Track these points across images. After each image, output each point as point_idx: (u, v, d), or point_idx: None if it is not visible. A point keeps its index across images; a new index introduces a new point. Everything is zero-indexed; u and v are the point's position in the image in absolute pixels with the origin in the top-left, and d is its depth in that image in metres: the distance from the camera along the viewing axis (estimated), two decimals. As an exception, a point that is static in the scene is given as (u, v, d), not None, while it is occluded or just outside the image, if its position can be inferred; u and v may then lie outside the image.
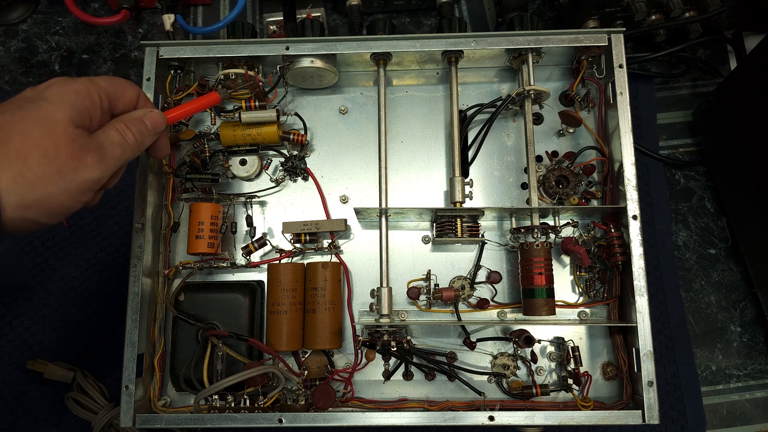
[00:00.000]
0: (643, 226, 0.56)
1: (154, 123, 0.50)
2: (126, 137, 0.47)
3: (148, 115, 0.50)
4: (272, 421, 0.54)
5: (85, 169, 0.42)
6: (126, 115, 0.49)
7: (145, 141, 0.49)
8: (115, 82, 0.48)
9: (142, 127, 0.49)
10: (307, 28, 0.65)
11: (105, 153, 0.44)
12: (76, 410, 0.63)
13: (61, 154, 0.41)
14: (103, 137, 0.45)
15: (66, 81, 0.45)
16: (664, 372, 0.66)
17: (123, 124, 0.47)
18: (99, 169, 0.43)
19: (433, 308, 0.61)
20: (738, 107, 0.65)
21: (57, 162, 0.41)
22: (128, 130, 0.47)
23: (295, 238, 0.61)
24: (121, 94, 0.48)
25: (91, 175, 0.43)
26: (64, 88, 0.44)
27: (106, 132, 0.46)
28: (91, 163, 0.43)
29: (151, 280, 0.59)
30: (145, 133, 0.49)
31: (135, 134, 0.48)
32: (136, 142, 0.48)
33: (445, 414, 0.54)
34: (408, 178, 0.64)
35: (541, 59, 0.62)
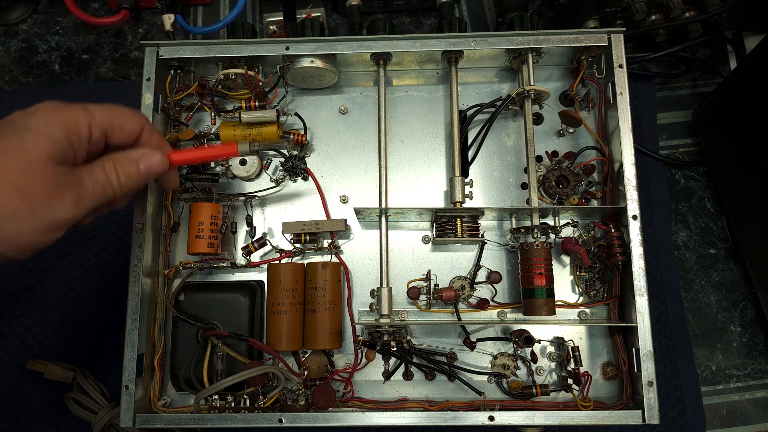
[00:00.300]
0: (643, 226, 0.56)
1: (149, 168, 0.47)
2: (111, 179, 0.44)
3: (146, 158, 0.47)
4: (272, 421, 0.54)
5: (60, 208, 0.41)
6: (120, 155, 0.46)
7: (133, 185, 0.46)
8: (113, 113, 0.45)
9: (134, 170, 0.46)
10: (307, 28, 0.65)
11: (84, 192, 0.42)
12: (76, 410, 0.63)
13: (37, 192, 0.39)
14: (86, 175, 0.43)
15: (55, 109, 0.42)
16: (664, 372, 0.66)
17: (113, 164, 0.45)
18: (75, 209, 0.42)
19: (433, 308, 0.61)
20: (738, 107, 0.65)
21: (31, 199, 0.39)
22: (116, 172, 0.44)
23: (295, 238, 0.61)
24: (118, 126, 0.46)
25: (65, 215, 0.41)
26: (52, 117, 0.42)
27: (91, 170, 0.43)
28: (68, 202, 0.41)
29: (151, 280, 0.59)
30: (135, 177, 0.46)
31: (122, 177, 0.45)
32: (121, 186, 0.45)
33: (445, 414, 0.54)
34: (408, 178, 0.64)
35: (541, 59, 0.62)
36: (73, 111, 0.43)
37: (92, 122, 0.44)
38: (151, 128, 0.49)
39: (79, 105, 0.44)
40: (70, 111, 0.43)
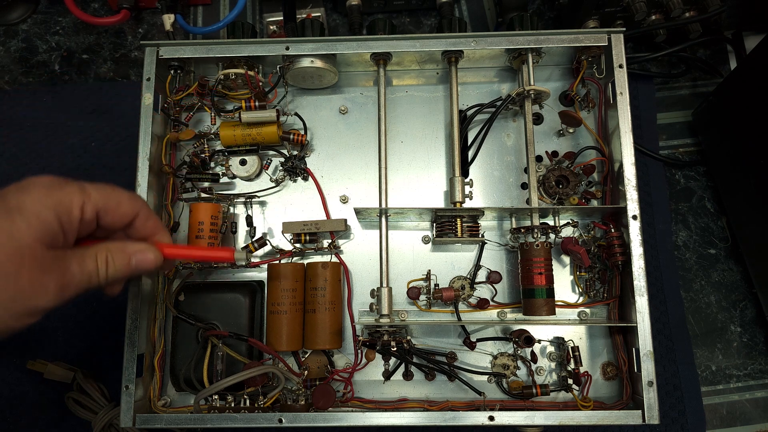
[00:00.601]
0: (643, 226, 0.56)
1: (140, 264, 0.46)
2: (99, 269, 0.43)
3: (140, 253, 0.46)
4: (272, 421, 0.54)
5: (43, 296, 0.39)
6: (115, 246, 0.45)
7: (120, 277, 0.45)
8: (110, 195, 0.44)
9: (124, 263, 0.45)
10: (307, 28, 0.65)
11: (70, 280, 0.41)
12: (76, 410, 0.63)
13: (22, 280, 0.38)
14: (75, 262, 0.42)
15: (50, 188, 0.41)
16: (664, 372, 0.66)
17: (105, 254, 0.44)
18: (57, 298, 0.40)
19: (433, 308, 0.61)
20: (738, 107, 0.65)
21: (15, 287, 0.38)
22: (106, 264, 0.43)
23: (295, 238, 0.61)
24: (113, 207, 0.44)
25: (47, 304, 0.40)
26: (46, 198, 0.40)
27: (83, 257, 0.42)
28: (51, 291, 0.40)
29: (151, 280, 0.59)
30: (124, 271, 0.45)
31: (111, 269, 0.44)
32: (108, 277, 0.44)
33: (445, 414, 0.54)
34: (408, 178, 0.64)
35: (541, 59, 0.62)
36: (67, 192, 0.42)
37: (86, 203, 0.42)
38: (147, 213, 0.47)
39: (75, 184, 0.42)
40: (64, 192, 0.41)
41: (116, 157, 0.73)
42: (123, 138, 0.74)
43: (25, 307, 0.39)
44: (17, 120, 0.75)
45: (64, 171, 0.73)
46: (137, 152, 0.59)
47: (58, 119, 0.75)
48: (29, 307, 0.39)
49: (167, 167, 0.61)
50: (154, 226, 0.48)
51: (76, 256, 0.42)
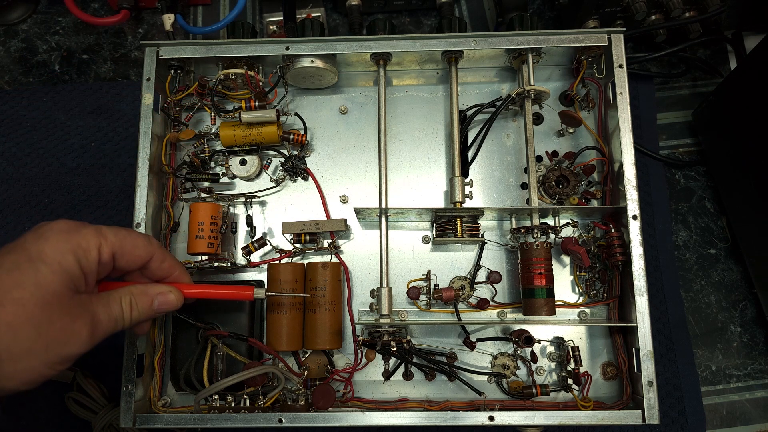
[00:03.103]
0: (643, 226, 0.56)
1: (162, 306, 0.47)
2: (125, 313, 0.44)
3: (162, 296, 0.47)
4: (272, 421, 0.54)
5: (75, 342, 0.40)
6: (138, 289, 0.46)
7: (142, 320, 0.47)
8: (125, 238, 0.45)
9: (147, 305, 0.46)
10: (307, 28, 0.65)
11: (98, 327, 0.42)
12: (76, 410, 0.63)
13: (53, 329, 0.39)
14: (101, 308, 0.43)
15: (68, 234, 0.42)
16: (664, 372, 0.66)
17: (129, 299, 0.45)
18: (88, 344, 0.41)
19: (433, 308, 0.61)
20: (738, 107, 0.65)
21: (47, 337, 0.39)
22: (130, 307, 0.45)
23: (295, 238, 0.61)
24: (129, 252, 0.45)
25: (78, 350, 0.41)
26: (65, 244, 0.41)
27: (108, 303, 0.44)
28: (83, 337, 0.41)
29: (151, 280, 0.59)
30: (147, 313, 0.46)
31: (135, 312, 0.45)
32: (132, 321, 0.45)
33: (445, 414, 0.54)
34: (408, 178, 0.64)
35: (541, 59, 0.62)
36: (84, 235, 0.42)
37: (103, 245, 0.43)
38: (162, 255, 0.48)
39: (91, 227, 0.43)
40: (82, 235, 0.42)
41: (116, 157, 0.73)
42: (123, 138, 0.74)
43: (58, 355, 0.40)
44: (17, 120, 0.75)
45: (63, 171, 0.73)
46: (137, 152, 0.59)
47: (58, 119, 0.75)
48: (62, 355, 0.40)
49: (167, 167, 0.61)
50: (170, 267, 0.49)
51: (101, 302, 0.43)
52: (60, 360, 0.40)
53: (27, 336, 0.38)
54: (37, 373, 0.39)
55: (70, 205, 0.72)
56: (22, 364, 0.38)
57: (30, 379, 0.40)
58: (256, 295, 0.53)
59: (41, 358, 0.39)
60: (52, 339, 0.39)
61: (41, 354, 0.39)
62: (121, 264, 0.46)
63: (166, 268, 0.49)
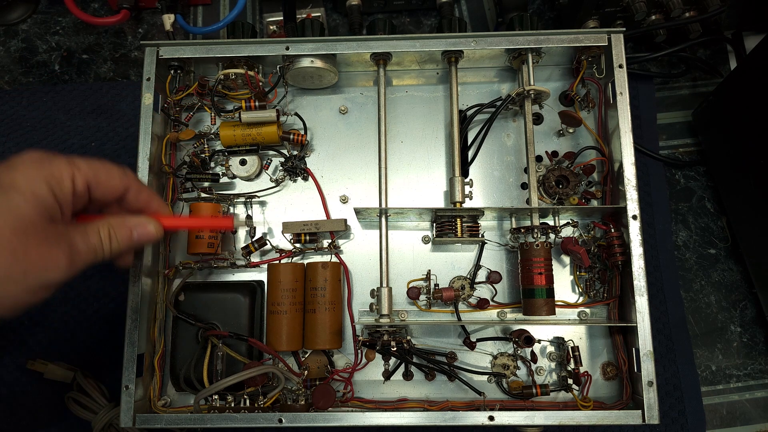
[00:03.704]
0: (643, 226, 0.56)
1: (141, 237, 0.47)
2: (104, 244, 0.44)
3: (141, 227, 0.47)
4: (272, 421, 0.54)
5: (54, 270, 0.40)
6: (116, 221, 0.46)
7: (122, 251, 0.46)
8: (99, 168, 0.45)
9: (126, 237, 0.46)
10: (307, 28, 0.65)
11: (77, 256, 0.42)
12: (76, 410, 0.63)
13: (31, 255, 0.39)
14: (79, 238, 0.43)
15: (40, 163, 0.41)
16: (664, 372, 0.66)
17: (108, 229, 0.44)
18: (67, 271, 0.41)
19: (433, 308, 0.61)
20: (738, 107, 0.65)
21: (25, 262, 0.39)
22: (109, 238, 0.44)
23: (295, 238, 0.61)
24: (104, 182, 0.45)
25: (57, 277, 0.41)
26: (36, 172, 0.41)
27: (86, 233, 0.43)
28: (61, 264, 0.41)
29: (151, 280, 0.59)
30: (126, 244, 0.46)
31: (114, 243, 0.45)
32: (111, 251, 0.45)
33: (445, 414, 0.54)
34: (408, 178, 0.64)
35: (541, 59, 0.62)
36: (56, 165, 0.42)
37: (76, 175, 0.43)
38: (138, 186, 0.48)
39: (63, 157, 0.43)
40: (54, 165, 0.42)
41: (116, 157, 0.73)
42: (123, 138, 0.74)
43: (37, 281, 0.40)
44: (17, 120, 0.75)
45: (64, 171, 0.73)
46: (137, 152, 0.59)
47: (58, 119, 0.75)
48: (42, 282, 0.40)
49: (167, 167, 0.61)
50: (147, 198, 0.49)
51: (78, 231, 0.43)
52: (40, 286, 0.40)
53: (4, 263, 0.38)
54: (18, 299, 0.40)
55: (70, 205, 0.72)
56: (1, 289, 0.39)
57: (12, 305, 0.40)
58: (236, 225, 0.52)
59: (21, 285, 0.39)
60: (30, 266, 0.39)
61: (20, 280, 0.39)
62: (97, 195, 0.45)
63: (143, 199, 0.49)
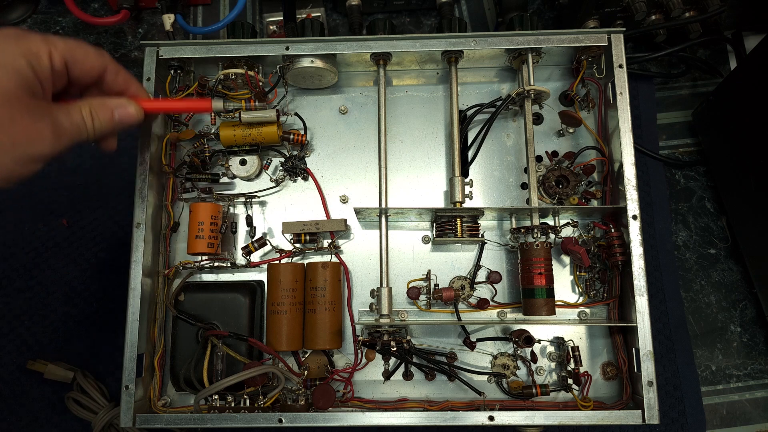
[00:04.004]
0: (643, 226, 0.56)
1: (123, 119, 0.49)
2: (86, 122, 0.46)
3: (122, 108, 0.48)
4: (272, 421, 0.54)
5: (40, 143, 0.42)
6: (97, 101, 0.47)
7: (106, 132, 0.48)
8: (76, 48, 0.46)
9: (108, 117, 0.47)
10: (307, 28, 0.65)
11: (62, 131, 0.44)
12: (76, 410, 0.63)
13: (17, 127, 0.41)
14: (62, 116, 0.44)
15: (17, 39, 0.42)
16: (664, 372, 0.66)
17: (89, 108, 0.46)
18: (53, 145, 0.43)
19: (433, 308, 0.61)
20: (738, 107, 0.65)
21: (12, 134, 0.41)
22: (91, 117, 0.46)
23: (295, 238, 0.61)
24: (80, 59, 0.46)
25: (44, 149, 0.43)
26: (15, 48, 0.42)
27: (69, 111, 0.45)
28: (47, 137, 0.43)
29: (151, 280, 0.59)
30: (109, 125, 0.48)
31: (96, 122, 0.47)
32: (95, 130, 0.47)
33: (445, 414, 0.54)
34: (408, 178, 0.64)
35: (541, 59, 0.62)
36: (33, 41, 0.43)
37: (53, 51, 0.44)
38: (115, 67, 0.49)
39: (39, 35, 0.44)
40: (31, 41, 0.43)
41: (116, 157, 0.73)
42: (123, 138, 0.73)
43: (25, 152, 0.42)
44: (17, 120, 0.75)
45: (64, 171, 0.73)
46: (137, 152, 0.59)
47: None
48: (29, 153, 0.42)
49: (167, 167, 0.61)
50: (125, 80, 0.50)
51: (61, 110, 0.45)
52: (28, 158, 0.42)
53: None
54: (9, 169, 0.41)
55: (70, 205, 0.72)
56: None
57: (4, 174, 0.42)
58: (215, 108, 0.54)
59: (9, 155, 0.41)
60: (17, 137, 0.41)
61: (8, 150, 0.41)
62: (75, 74, 0.46)
63: (121, 81, 0.50)
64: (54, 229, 0.71)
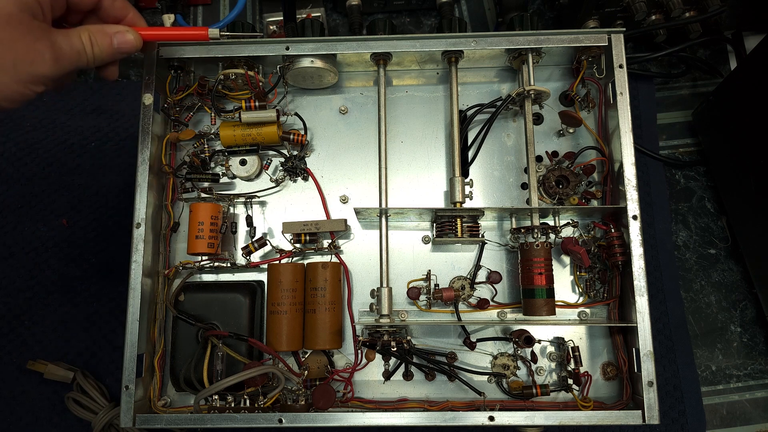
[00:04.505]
0: (643, 226, 0.56)
1: (122, 45, 0.49)
2: (86, 47, 0.46)
3: (120, 35, 0.49)
4: (272, 422, 0.54)
5: (41, 63, 0.43)
6: (96, 27, 0.48)
7: (105, 58, 0.49)
8: None
9: (107, 43, 0.48)
10: (307, 28, 0.65)
11: (61, 54, 0.44)
12: (76, 410, 0.63)
13: (18, 46, 0.41)
14: (62, 39, 0.45)
15: None
16: (664, 372, 0.66)
17: (88, 34, 0.47)
18: (53, 66, 0.44)
19: (433, 308, 0.61)
20: (738, 107, 0.65)
21: (13, 53, 0.41)
22: (90, 42, 0.47)
23: (295, 238, 0.61)
24: None
25: (45, 71, 0.43)
26: None
27: (69, 36, 0.46)
28: (47, 59, 0.43)
29: (151, 280, 0.59)
30: (108, 51, 0.48)
31: (96, 48, 0.47)
32: (95, 56, 0.47)
33: (445, 414, 0.54)
34: (408, 178, 0.64)
35: (541, 59, 0.62)
36: None
37: None
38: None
39: None
40: None
41: (116, 157, 0.73)
42: (123, 138, 0.74)
43: (27, 73, 0.43)
44: (17, 120, 0.75)
45: (64, 171, 0.73)
46: (137, 152, 0.59)
47: (58, 119, 0.75)
48: (31, 73, 0.43)
49: (167, 167, 0.61)
50: (122, 7, 0.51)
51: (61, 33, 0.45)
52: (30, 78, 0.43)
53: None
54: (11, 89, 0.43)
55: (70, 205, 0.72)
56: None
57: (6, 94, 0.43)
58: (211, 35, 0.54)
59: (11, 74, 0.42)
60: (18, 56, 0.42)
61: (10, 70, 0.42)
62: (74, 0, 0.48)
63: (118, 7, 0.51)
64: (54, 229, 0.71)
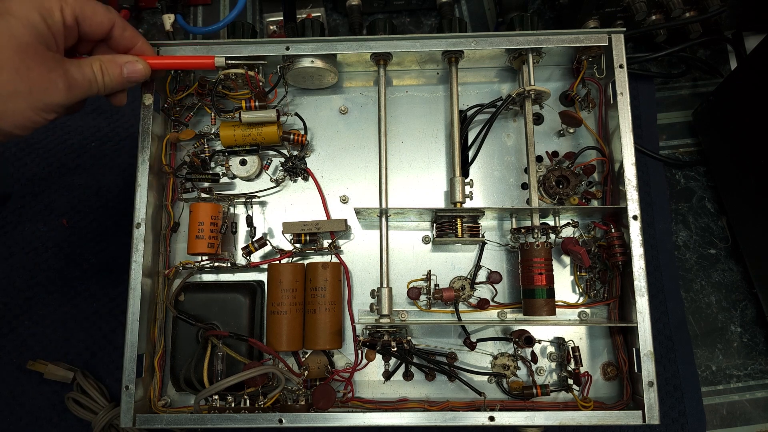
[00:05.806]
0: (644, 226, 0.56)
1: (131, 75, 0.51)
2: (97, 77, 0.48)
3: (130, 64, 0.51)
4: (272, 422, 0.54)
5: (54, 92, 0.44)
6: (107, 57, 0.50)
7: (115, 87, 0.51)
8: (85, 4, 0.48)
9: (117, 73, 0.50)
10: (307, 28, 0.65)
11: (74, 83, 0.46)
12: (76, 410, 0.63)
13: (32, 75, 0.43)
14: (74, 69, 0.46)
15: None
16: (664, 372, 0.66)
17: (99, 64, 0.48)
18: (66, 95, 0.45)
19: (433, 308, 0.61)
20: (738, 107, 0.65)
21: (28, 81, 0.43)
22: (101, 72, 0.48)
23: (295, 238, 0.61)
24: (90, 17, 0.48)
25: (58, 99, 0.45)
26: (29, 3, 0.44)
27: (81, 66, 0.47)
28: (61, 88, 0.45)
29: (151, 280, 0.59)
30: (118, 81, 0.50)
31: (107, 77, 0.49)
32: (105, 86, 0.49)
33: (445, 414, 0.54)
34: (408, 178, 0.64)
35: (542, 59, 0.62)
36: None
37: (64, 7, 0.46)
38: (123, 24, 0.51)
39: None
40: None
41: (116, 157, 0.73)
42: (123, 138, 0.74)
43: (41, 101, 0.44)
44: (17, 120, 0.75)
45: (64, 171, 0.73)
46: (137, 152, 0.59)
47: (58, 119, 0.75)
48: (45, 102, 0.44)
49: (167, 167, 0.61)
50: (132, 36, 0.52)
51: (74, 63, 0.47)
52: (43, 106, 0.44)
53: (9, 78, 0.42)
54: (25, 116, 0.44)
55: (70, 205, 0.72)
56: (10, 104, 0.43)
57: (20, 122, 0.44)
58: (217, 63, 0.56)
59: (27, 101, 0.43)
60: (33, 84, 0.43)
61: (26, 96, 0.43)
62: (85, 29, 0.48)
63: (128, 37, 0.52)
64: (54, 229, 0.71)
